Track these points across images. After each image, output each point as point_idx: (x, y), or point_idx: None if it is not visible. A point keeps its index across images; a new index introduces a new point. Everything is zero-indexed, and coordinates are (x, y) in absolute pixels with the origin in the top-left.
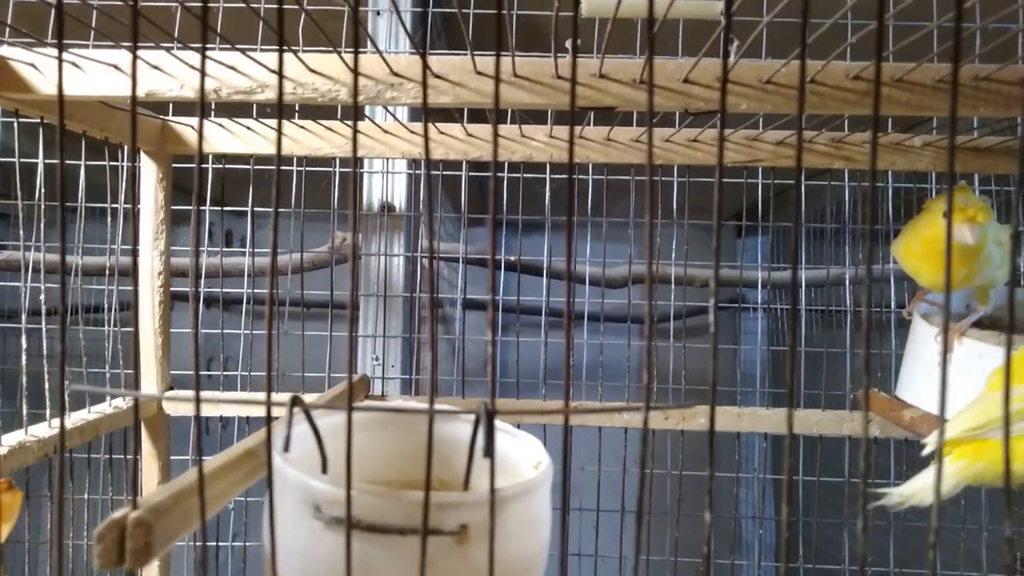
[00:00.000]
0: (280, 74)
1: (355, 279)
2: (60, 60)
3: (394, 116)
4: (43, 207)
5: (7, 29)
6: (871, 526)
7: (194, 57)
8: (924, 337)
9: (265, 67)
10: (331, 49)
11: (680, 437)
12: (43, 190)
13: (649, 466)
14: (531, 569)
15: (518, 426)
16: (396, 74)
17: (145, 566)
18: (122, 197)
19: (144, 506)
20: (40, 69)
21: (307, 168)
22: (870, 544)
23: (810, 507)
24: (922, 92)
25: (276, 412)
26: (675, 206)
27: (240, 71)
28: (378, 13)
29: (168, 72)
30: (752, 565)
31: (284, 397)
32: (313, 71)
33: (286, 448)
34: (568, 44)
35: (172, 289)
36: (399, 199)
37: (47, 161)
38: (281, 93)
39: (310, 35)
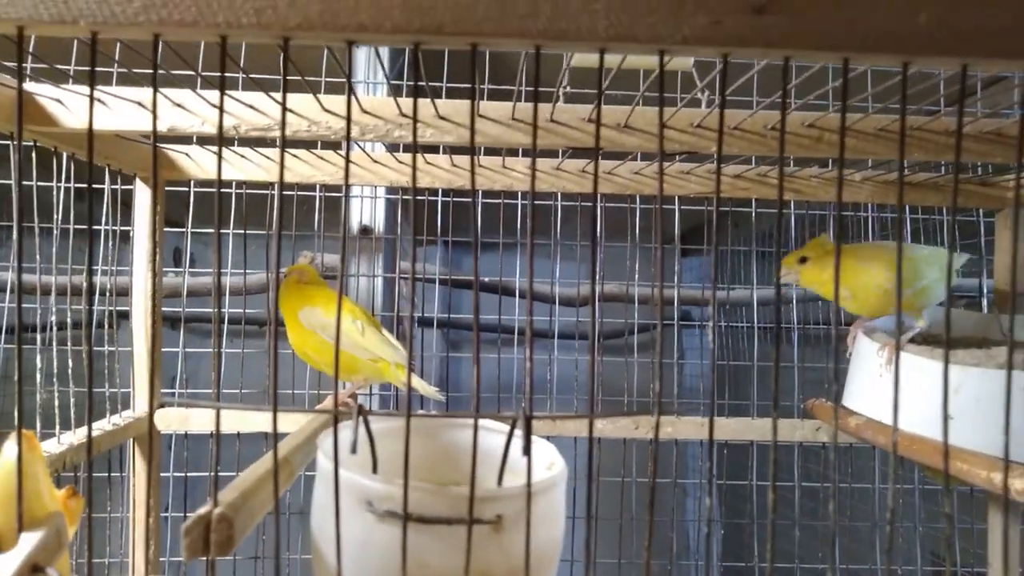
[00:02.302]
0: (348, 117)
1: (412, 304)
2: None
3: (385, 147)
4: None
5: (28, 66)
6: (811, 527)
7: (216, 96)
8: (867, 351)
9: (282, 106)
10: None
11: (648, 446)
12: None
13: (622, 474)
14: (552, 555)
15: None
16: (404, 115)
17: (226, 555)
18: (107, 219)
19: (224, 503)
20: (66, 104)
21: (298, 192)
22: (811, 547)
23: (762, 512)
24: (865, 139)
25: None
26: (639, 230)
27: (258, 109)
28: (356, 45)
29: (190, 109)
30: (712, 567)
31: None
32: (327, 111)
33: (353, 450)
34: (560, 91)
35: (122, 308)
36: (378, 222)
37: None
38: (348, 130)
39: (312, 72)
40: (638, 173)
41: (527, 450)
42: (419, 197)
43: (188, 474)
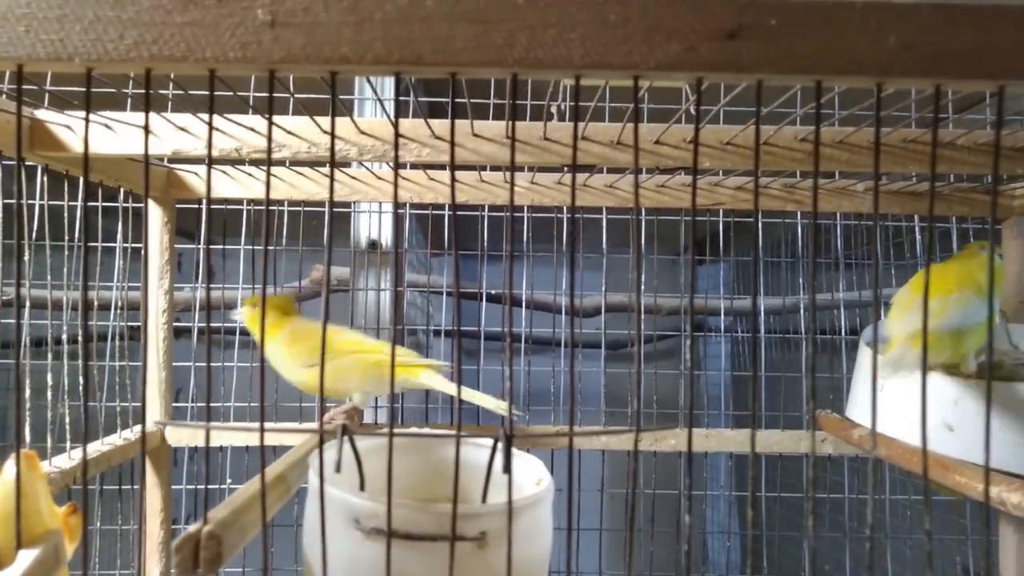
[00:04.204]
0: (332, 134)
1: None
2: (215, 133)
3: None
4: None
5: (46, 96)
6: (828, 539)
7: (218, 120)
8: (870, 363)
9: (283, 129)
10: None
11: (653, 458)
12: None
13: (628, 486)
14: (538, 571)
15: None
16: (401, 135)
17: (214, 572)
18: (120, 237)
19: (213, 521)
20: (75, 130)
21: (304, 208)
22: (826, 556)
23: (772, 523)
24: (858, 152)
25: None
26: (643, 240)
27: (259, 132)
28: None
29: (194, 133)
30: None
31: (326, 426)
32: (325, 132)
33: (337, 469)
34: (553, 109)
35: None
36: (385, 237)
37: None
38: (332, 150)
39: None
40: (639, 186)
41: (507, 468)
42: (425, 212)
43: (199, 487)
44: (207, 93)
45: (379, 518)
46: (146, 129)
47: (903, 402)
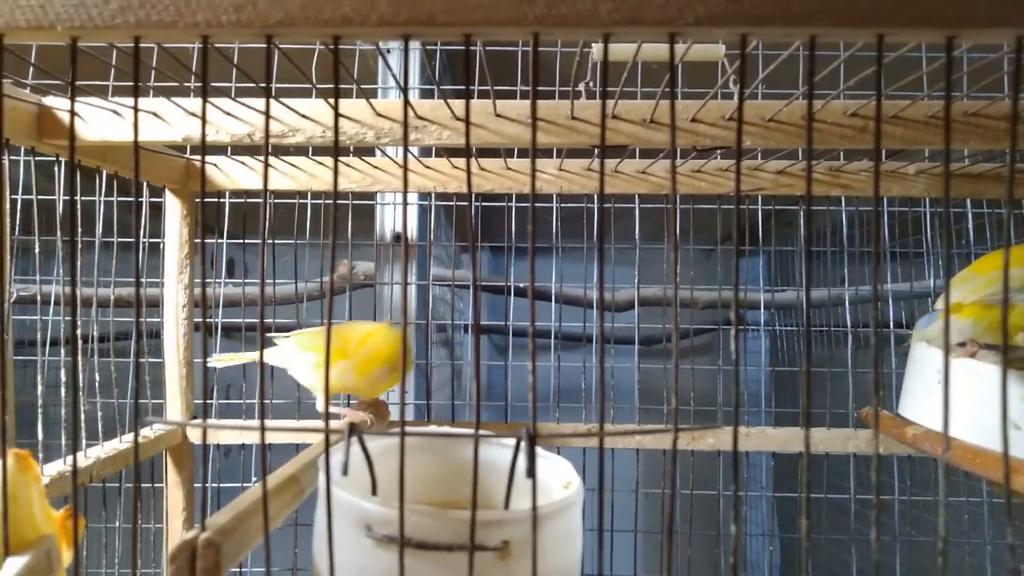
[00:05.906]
0: (335, 113)
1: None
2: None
3: (411, 152)
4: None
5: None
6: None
7: (229, 104)
8: (924, 356)
9: (296, 112)
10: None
11: (691, 457)
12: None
13: (663, 485)
14: None
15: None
16: (420, 117)
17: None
18: (140, 231)
19: (212, 528)
20: (83, 117)
21: (324, 201)
22: (871, 557)
23: (817, 524)
24: (915, 127)
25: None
26: (679, 230)
27: (273, 116)
28: (388, 51)
29: (206, 119)
30: None
31: (335, 424)
32: (341, 115)
33: (344, 472)
34: (581, 87)
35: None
36: (411, 229)
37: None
38: (336, 129)
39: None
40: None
41: (531, 472)
42: (451, 203)
43: (222, 485)
44: (220, 79)
45: (391, 525)
46: (135, 108)
47: (963, 399)
